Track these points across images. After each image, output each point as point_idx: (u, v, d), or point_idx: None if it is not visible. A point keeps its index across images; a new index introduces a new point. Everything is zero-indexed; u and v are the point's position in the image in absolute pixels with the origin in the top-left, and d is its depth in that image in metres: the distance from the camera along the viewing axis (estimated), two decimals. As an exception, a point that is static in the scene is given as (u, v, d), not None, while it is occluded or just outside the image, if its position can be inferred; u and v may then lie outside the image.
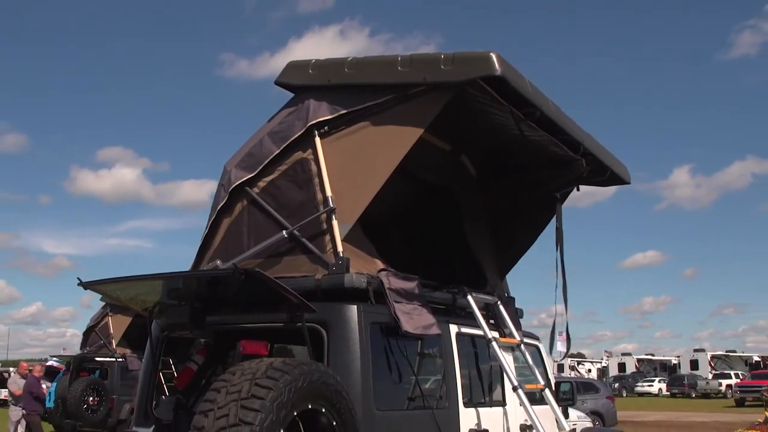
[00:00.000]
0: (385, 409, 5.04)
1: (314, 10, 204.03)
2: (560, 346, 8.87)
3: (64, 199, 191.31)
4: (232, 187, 5.82)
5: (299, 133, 5.67)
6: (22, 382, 16.79)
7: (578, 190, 7.58)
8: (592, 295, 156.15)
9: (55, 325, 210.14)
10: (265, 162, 5.74)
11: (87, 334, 23.06)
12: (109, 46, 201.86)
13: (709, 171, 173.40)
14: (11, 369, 59.14)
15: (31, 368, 16.95)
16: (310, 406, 4.15)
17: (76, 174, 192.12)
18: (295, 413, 4.05)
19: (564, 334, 7.34)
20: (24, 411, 15.98)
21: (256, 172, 5.76)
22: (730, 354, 67.23)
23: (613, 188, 8.34)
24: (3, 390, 44.12)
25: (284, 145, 5.70)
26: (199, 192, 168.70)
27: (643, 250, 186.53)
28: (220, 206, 5.89)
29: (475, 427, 5.85)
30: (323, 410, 4.24)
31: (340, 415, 4.33)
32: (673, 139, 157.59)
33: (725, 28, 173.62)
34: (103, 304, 21.68)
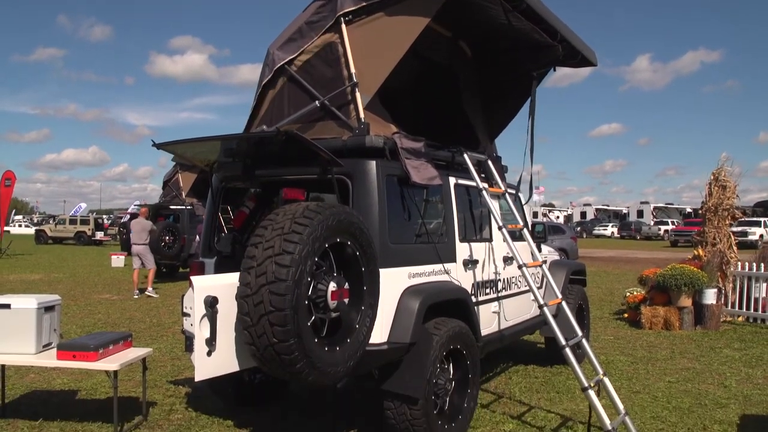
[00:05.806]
0: (398, 243, 5.08)
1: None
2: (535, 196, 8.86)
3: (144, 80, 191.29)
4: (276, 67, 5.67)
5: (331, 23, 5.48)
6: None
7: (555, 71, 7.45)
8: (565, 158, 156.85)
9: (138, 182, 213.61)
10: (304, 46, 5.58)
11: (163, 187, 23.35)
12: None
13: (666, 59, 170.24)
14: (104, 216, 60.08)
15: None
16: (338, 240, 4.20)
17: (154, 59, 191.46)
18: (327, 245, 4.12)
19: (541, 188, 7.32)
20: None
21: (296, 54, 5.60)
22: (669, 206, 67.29)
23: (586, 71, 8.29)
24: (99, 232, 45.27)
25: (320, 33, 5.51)
26: (254, 74, 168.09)
27: (608, 122, 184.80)
28: (264, 82, 5.73)
29: (468, 258, 5.92)
30: (348, 243, 4.30)
31: (362, 247, 4.39)
32: (637, 31, 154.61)
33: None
34: (174, 163, 21.90)
